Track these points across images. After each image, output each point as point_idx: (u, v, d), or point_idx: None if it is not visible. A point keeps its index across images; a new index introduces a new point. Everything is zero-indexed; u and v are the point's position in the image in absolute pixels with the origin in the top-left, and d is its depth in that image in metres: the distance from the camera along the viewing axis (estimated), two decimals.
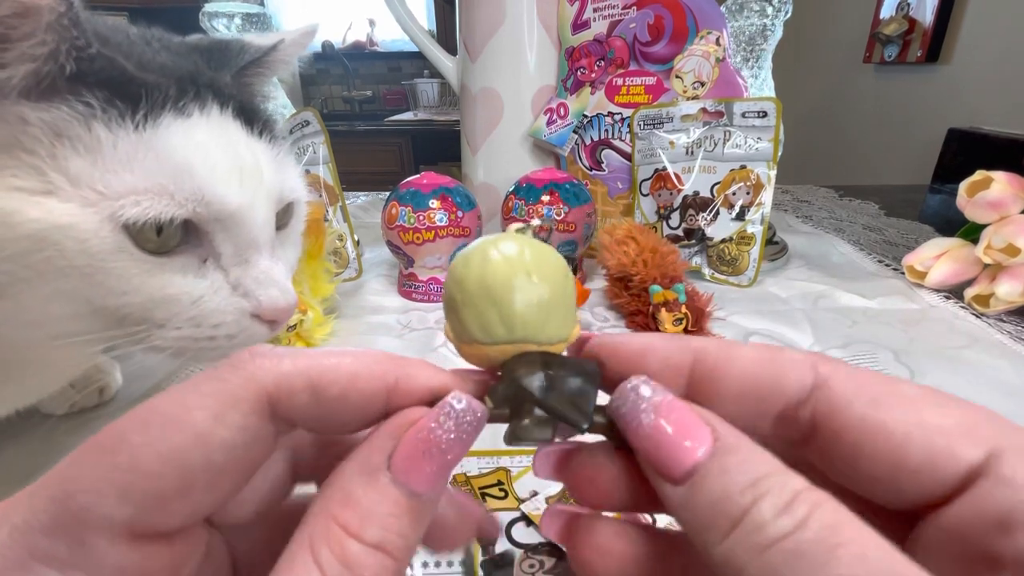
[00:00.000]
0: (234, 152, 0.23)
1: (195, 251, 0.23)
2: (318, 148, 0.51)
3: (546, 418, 0.12)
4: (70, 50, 0.18)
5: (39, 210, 0.19)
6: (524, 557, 0.24)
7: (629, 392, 0.12)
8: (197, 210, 0.21)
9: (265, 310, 0.24)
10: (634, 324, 0.44)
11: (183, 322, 0.22)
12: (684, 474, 0.11)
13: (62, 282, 0.20)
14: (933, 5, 1.22)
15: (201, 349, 0.23)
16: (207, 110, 0.22)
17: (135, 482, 0.10)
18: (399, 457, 0.11)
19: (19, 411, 0.28)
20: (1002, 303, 0.44)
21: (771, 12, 0.55)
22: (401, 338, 0.44)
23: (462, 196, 0.49)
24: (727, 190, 0.52)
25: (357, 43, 2.51)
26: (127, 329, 0.22)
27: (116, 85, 0.20)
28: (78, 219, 0.19)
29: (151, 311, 0.22)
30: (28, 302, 0.20)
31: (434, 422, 0.11)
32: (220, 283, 0.23)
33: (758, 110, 0.49)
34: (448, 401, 0.11)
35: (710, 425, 0.11)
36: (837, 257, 0.61)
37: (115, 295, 0.21)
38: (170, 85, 0.21)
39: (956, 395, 0.12)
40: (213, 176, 0.22)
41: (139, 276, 0.21)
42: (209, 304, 0.23)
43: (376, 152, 2.19)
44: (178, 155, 0.21)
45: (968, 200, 0.47)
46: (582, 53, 0.56)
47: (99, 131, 0.19)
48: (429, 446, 0.11)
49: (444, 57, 0.64)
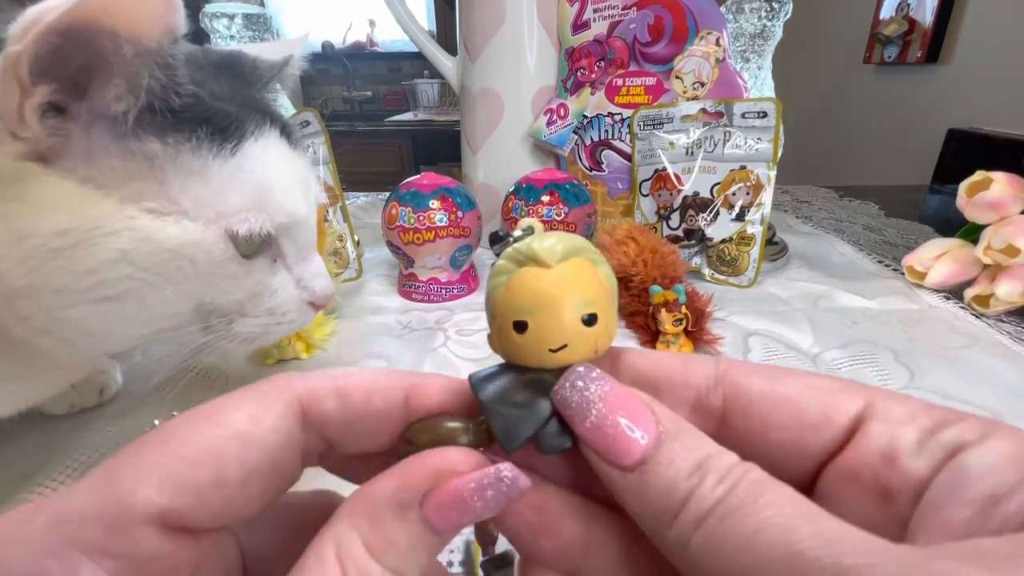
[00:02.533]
0: (292, 167, 0.27)
1: (268, 253, 0.27)
2: (318, 148, 0.51)
3: None
4: (170, 87, 0.21)
5: (178, 229, 0.22)
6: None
7: (575, 381, 0.12)
8: (281, 221, 0.26)
9: (319, 298, 0.29)
10: (634, 325, 0.44)
11: (262, 312, 0.27)
12: (634, 464, 0.11)
13: (185, 285, 0.24)
14: (933, 6, 1.22)
15: (268, 334, 0.28)
16: (267, 131, 0.26)
17: (175, 468, 0.11)
18: (434, 504, 0.11)
19: (20, 411, 0.28)
20: (1002, 303, 0.44)
21: (771, 12, 0.55)
22: (401, 338, 0.44)
23: (462, 196, 0.49)
24: (727, 190, 0.52)
25: (357, 43, 2.51)
26: (213, 322, 0.26)
27: (210, 117, 0.23)
28: (206, 235, 0.23)
29: (243, 304, 0.26)
30: (152, 303, 0.23)
31: (477, 484, 0.11)
32: (287, 279, 0.28)
33: (758, 110, 0.49)
34: (498, 471, 0.12)
35: (652, 411, 0.12)
36: (837, 257, 0.61)
37: (225, 293, 0.25)
38: (244, 112, 0.25)
39: (957, 396, 0.12)
40: (286, 191, 0.26)
41: (242, 277, 0.25)
42: (281, 296, 0.28)
43: (376, 152, 2.19)
44: (261, 175, 0.25)
45: (968, 200, 0.47)
46: (582, 53, 0.56)
47: (207, 159, 0.23)
48: (466, 505, 0.11)
49: (444, 57, 0.64)
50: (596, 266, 0.13)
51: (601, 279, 0.13)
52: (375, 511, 0.11)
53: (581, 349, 0.13)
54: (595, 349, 0.13)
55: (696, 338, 0.41)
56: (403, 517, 0.11)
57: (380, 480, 0.12)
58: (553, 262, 0.13)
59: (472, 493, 0.11)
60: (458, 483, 0.11)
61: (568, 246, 0.13)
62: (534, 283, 0.13)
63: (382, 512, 0.11)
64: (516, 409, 0.13)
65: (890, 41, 1.35)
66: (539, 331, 0.13)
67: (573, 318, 0.13)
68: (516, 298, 0.13)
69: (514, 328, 0.13)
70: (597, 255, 0.14)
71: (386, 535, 0.11)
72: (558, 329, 0.13)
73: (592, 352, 0.13)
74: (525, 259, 0.13)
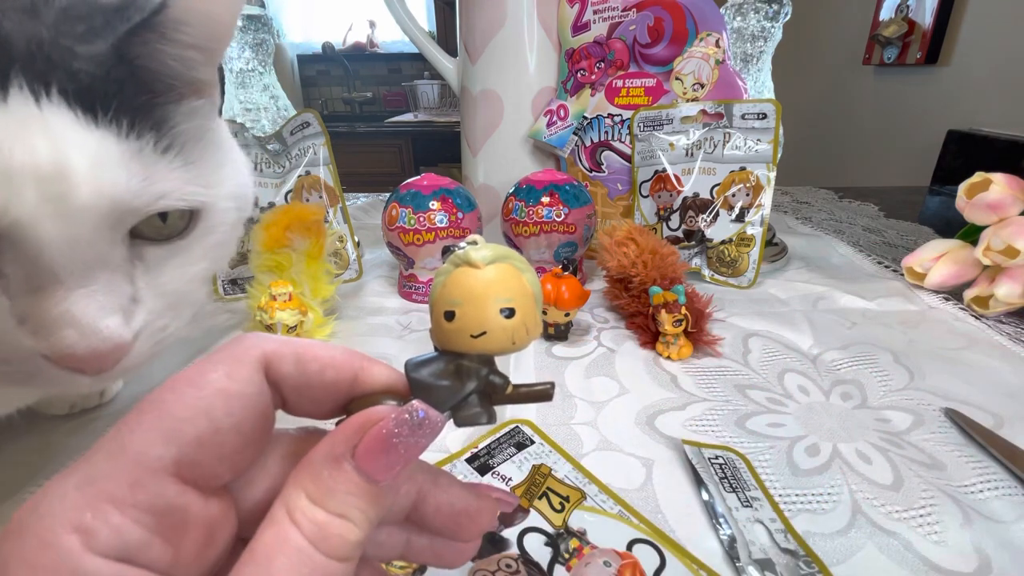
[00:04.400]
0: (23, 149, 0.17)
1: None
2: (318, 149, 0.51)
3: None
4: None
5: None
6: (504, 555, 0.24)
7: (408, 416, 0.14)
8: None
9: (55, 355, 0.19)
10: (634, 325, 0.44)
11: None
12: None
13: None
14: (932, 7, 1.22)
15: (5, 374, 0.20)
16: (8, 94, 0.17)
17: (174, 427, 0.12)
18: (362, 451, 0.13)
19: (20, 410, 0.28)
20: (1001, 304, 0.44)
21: (770, 14, 0.55)
22: (401, 339, 0.44)
23: (462, 197, 0.49)
24: (727, 192, 0.52)
25: (357, 44, 2.52)
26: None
27: None
28: None
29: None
30: None
31: (396, 426, 0.13)
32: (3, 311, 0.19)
33: (758, 112, 0.49)
34: (410, 409, 0.13)
35: None
36: (837, 258, 0.61)
37: None
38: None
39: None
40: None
41: None
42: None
43: (376, 153, 2.20)
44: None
45: (967, 202, 0.47)
46: (582, 55, 0.57)
47: None
48: (388, 444, 0.13)
49: (444, 59, 0.64)
50: (521, 272, 0.16)
51: (524, 283, 0.16)
52: (315, 469, 0.13)
53: (498, 338, 0.15)
54: (512, 340, 0.15)
55: (696, 339, 0.41)
56: (338, 468, 0.13)
57: (318, 446, 0.13)
58: (482, 264, 0.15)
59: (391, 433, 0.13)
60: (378, 427, 0.13)
61: (497, 253, 0.16)
62: (464, 280, 0.15)
63: (320, 468, 0.13)
64: (439, 387, 0.15)
65: (890, 42, 1.35)
66: (464, 319, 0.15)
67: (493, 310, 0.15)
68: (448, 292, 0.15)
69: (444, 317, 0.15)
70: (523, 264, 0.16)
71: (326, 485, 0.12)
72: (479, 318, 0.15)
73: (509, 343, 0.15)
74: (461, 261, 0.15)
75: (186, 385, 0.13)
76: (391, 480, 0.13)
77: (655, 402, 0.36)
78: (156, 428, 0.12)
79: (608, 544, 0.25)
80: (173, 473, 0.12)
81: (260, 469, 0.15)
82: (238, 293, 0.51)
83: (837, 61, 1.63)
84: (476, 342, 0.15)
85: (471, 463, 0.30)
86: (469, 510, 0.16)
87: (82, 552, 0.10)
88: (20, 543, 0.10)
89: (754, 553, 0.24)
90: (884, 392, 0.36)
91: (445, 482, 0.16)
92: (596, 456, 0.31)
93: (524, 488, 0.28)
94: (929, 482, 0.28)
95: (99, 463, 0.12)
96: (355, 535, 0.12)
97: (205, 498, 0.13)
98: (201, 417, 0.12)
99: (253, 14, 0.57)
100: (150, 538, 0.11)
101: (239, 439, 0.13)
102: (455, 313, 0.15)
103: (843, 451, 0.31)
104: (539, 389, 0.16)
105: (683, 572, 0.24)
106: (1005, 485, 0.28)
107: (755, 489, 0.28)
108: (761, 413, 0.34)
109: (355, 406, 0.15)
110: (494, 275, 0.15)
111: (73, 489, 0.11)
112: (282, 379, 0.14)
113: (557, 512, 0.27)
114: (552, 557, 0.24)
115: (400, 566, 0.24)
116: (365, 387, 0.15)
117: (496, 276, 0.15)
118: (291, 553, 0.12)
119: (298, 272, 0.43)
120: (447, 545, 0.17)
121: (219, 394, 0.13)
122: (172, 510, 0.12)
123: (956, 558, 0.24)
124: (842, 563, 0.24)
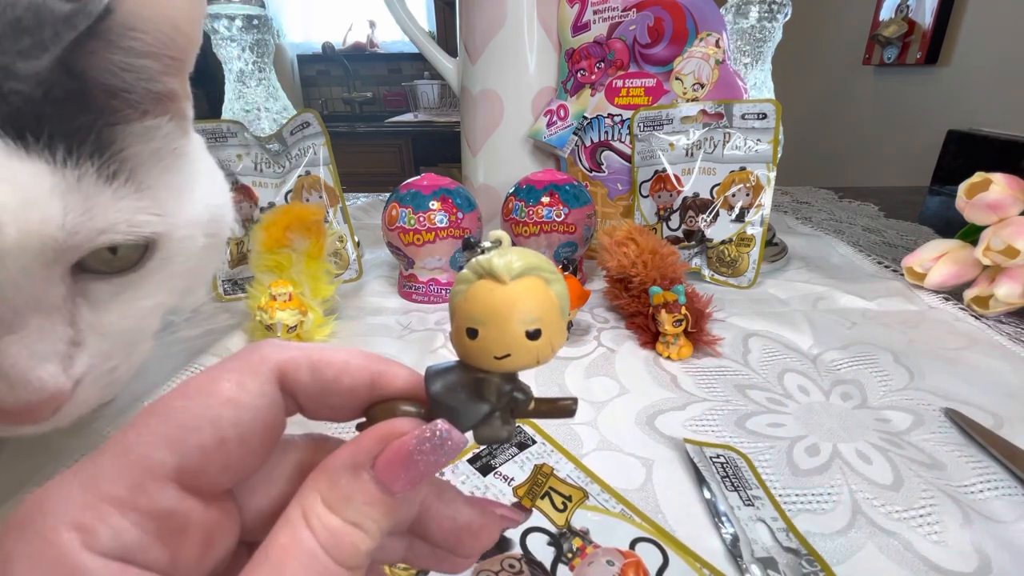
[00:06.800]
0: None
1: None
2: (318, 150, 0.51)
3: None
4: None
5: None
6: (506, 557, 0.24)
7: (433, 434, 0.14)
8: None
9: None
10: (634, 325, 0.44)
11: None
12: None
13: None
14: (932, 7, 1.23)
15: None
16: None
17: (179, 435, 0.12)
18: (383, 463, 0.13)
19: None
20: (1001, 304, 0.45)
21: (770, 14, 0.55)
22: (401, 339, 0.44)
23: (462, 197, 0.49)
24: (727, 192, 0.52)
25: (357, 44, 2.51)
26: None
27: None
28: None
29: None
30: None
31: (419, 443, 0.13)
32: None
33: (758, 112, 0.49)
34: (434, 428, 0.13)
35: None
36: (837, 258, 0.61)
37: None
38: None
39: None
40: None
41: None
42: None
43: (376, 153, 2.19)
44: None
45: (967, 202, 0.47)
46: (582, 55, 0.57)
47: None
48: (410, 459, 0.13)
49: (444, 59, 0.64)
50: (549, 284, 0.15)
51: (551, 297, 0.15)
52: (333, 475, 0.13)
53: (523, 359, 0.14)
54: (536, 359, 0.14)
55: (696, 339, 0.41)
56: (357, 477, 0.13)
57: (338, 451, 0.13)
58: (508, 279, 0.14)
59: (414, 448, 0.13)
60: (401, 441, 0.13)
61: (524, 265, 0.14)
62: (487, 296, 0.14)
63: (339, 475, 0.13)
64: (459, 403, 0.15)
65: (890, 42, 1.35)
66: (487, 340, 0.14)
67: (518, 332, 0.14)
68: (471, 307, 0.14)
69: (467, 333, 0.14)
70: (552, 273, 0.15)
71: (343, 492, 0.13)
72: (503, 340, 0.14)
73: (534, 362, 0.14)
74: (484, 272, 0.14)
75: (196, 392, 0.13)
76: (406, 493, 0.13)
77: (655, 402, 0.36)
78: (161, 434, 0.12)
79: (611, 543, 0.25)
80: (175, 479, 0.12)
81: (265, 475, 0.15)
82: (238, 293, 0.51)
83: (837, 61, 1.63)
84: (500, 363, 0.14)
85: (473, 463, 0.30)
86: (472, 526, 0.16)
87: (81, 550, 0.11)
88: (23, 538, 0.11)
89: (757, 552, 0.24)
90: (884, 392, 0.36)
91: (450, 495, 0.16)
92: (596, 456, 0.31)
93: (526, 488, 0.28)
94: (929, 482, 0.28)
95: (103, 464, 0.12)
96: (367, 545, 0.12)
97: (206, 503, 0.13)
98: (207, 427, 0.12)
99: (253, 14, 0.57)
100: (149, 540, 0.12)
101: (244, 449, 0.13)
102: (478, 332, 0.14)
103: (843, 451, 0.31)
104: (562, 405, 0.16)
105: (686, 571, 0.24)
106: (1005, 485, 0.28)
107: (757, 488, 0.28)
108: (761, 413, 0.34)
109: (376, 412, 0.15)
110: (519, 293, 0.14)
111: (77, 487, 0.11)
112: (298, 388, 0.14)
113: (560, 512, 0.27)
114: (555, 557, 0.24)
115: (403, 568, 0.24)
116: (384, 391, 0.15)
117: (521, 293, 0.14)
118: (303, 558, 0.12)
119: (298, 272, 0.43)
120: (449, 554, 0.17)
121: (228, 404, 0.13)
122: (172, 515, 0.12)
123: (956, 558, 0.24)
124: (842, 563, 0.24)
